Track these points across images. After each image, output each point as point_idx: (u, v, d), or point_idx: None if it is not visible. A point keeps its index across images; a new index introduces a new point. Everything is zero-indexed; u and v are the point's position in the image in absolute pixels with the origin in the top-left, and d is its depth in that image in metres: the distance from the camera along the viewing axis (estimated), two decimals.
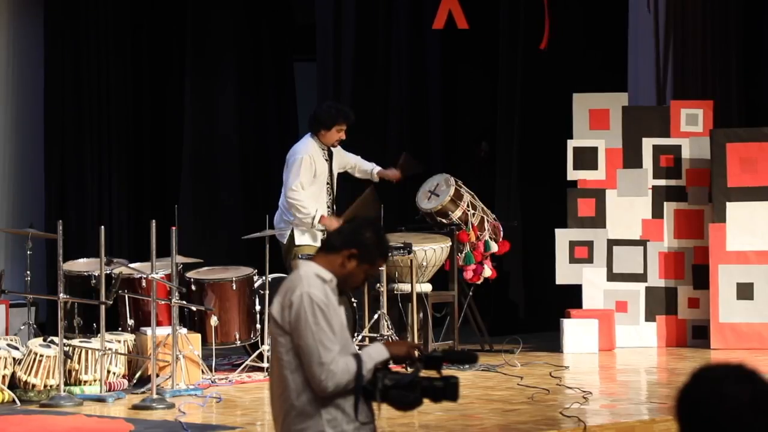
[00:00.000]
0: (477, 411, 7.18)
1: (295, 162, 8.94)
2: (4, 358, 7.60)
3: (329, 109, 9.05)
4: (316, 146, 9.01)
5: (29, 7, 11.53)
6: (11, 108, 11.51)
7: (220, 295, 8.68)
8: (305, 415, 3.93)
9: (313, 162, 8.95)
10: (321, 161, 9.02)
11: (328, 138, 8.98)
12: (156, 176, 11.82)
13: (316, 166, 8.97)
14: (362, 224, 4.15)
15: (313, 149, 8.99)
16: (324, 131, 8.96)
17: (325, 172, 9.05)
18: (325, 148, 9.04)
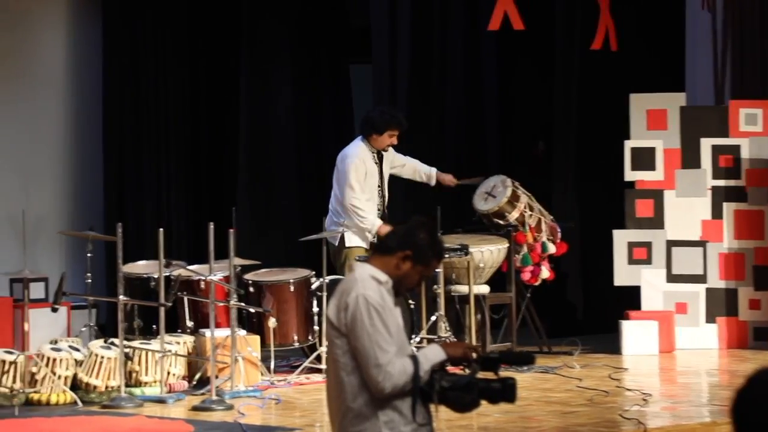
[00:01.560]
0: (535, 413, 7.15)
1: (346, 166, 8.97)
2: (66, 359, 7.69)
3: (382, 114, 9.06)
4: (366, 150, 9.03)
5: (88, 15, 11.65)
6: (71, 113, 11.64)
7: (278, 297, 8.72)
8: (362, 416, 3.93)
9: (364, 165, 8.98)
10: (371, 164, 9.04)
11: (380, 142, 9.01)
12: (214, 179, 11.90)
13: (367, 169, 9.00)
14: (416, 225, 4.15)
15: (363, 153, 9.01)
16: (376, 136, 8.98)
17: (375, 175, 9.07)
18: (375, 151, 9.06)
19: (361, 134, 9.11)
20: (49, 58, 11.50)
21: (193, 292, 8.61)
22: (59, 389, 7.61)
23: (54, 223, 11.28)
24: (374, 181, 9.07)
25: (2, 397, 7.53)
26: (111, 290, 9.58)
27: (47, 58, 11.49)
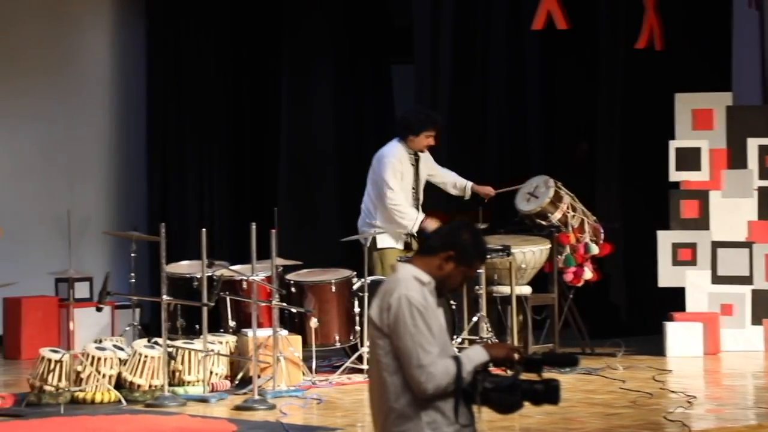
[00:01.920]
0: (578, 414, 7.11)
1: (383, 165, 8.96)
2: (110, 358, 7.74)
3: (418, 115, 9.03)
4: (404, 151, 9.02)
5: (133, 16, 11.72)
6: (116, 114, 11.71)
7: (319, 297, 8.73)
8: (405, 417, 3.93)
9: (400, 165, 8.97)
10: (407, 166, 9.03)
11: (417, 144, 8.99)
12: (256, 179, 11.94)
13: (403, 170, 8.99)
14: (459, 226, 4.14)
15: (400, 153, 9.00)
16: (412, 137, 8.96)
17: (410, 177, 9.06)
18: (412, 152, 9.05)
19: (397, 136, 9.10)
20: (94, 59, 11.59)
21: (235, 292, 8.64)
22: (104, 388, 7.66)
23: (99, 223, 11.36)
24: (409, 182, 9.06)
25: (48, 395, 7.60)
26: (154, 290, 9.64)
27: (92, 59, 11.58)
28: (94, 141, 11.56)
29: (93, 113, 11.55)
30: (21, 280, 8.70)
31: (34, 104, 11.17)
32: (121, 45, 11.68)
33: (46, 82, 11.23)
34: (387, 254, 8.96)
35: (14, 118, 11.09)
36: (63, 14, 11.39)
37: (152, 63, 11.58)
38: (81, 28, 11.54)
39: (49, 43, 11.28)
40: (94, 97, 11.55)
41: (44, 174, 11.22)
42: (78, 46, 11.51)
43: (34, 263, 10.59)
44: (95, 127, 11.57)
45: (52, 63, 11.29)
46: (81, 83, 11.49)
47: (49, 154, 11.27)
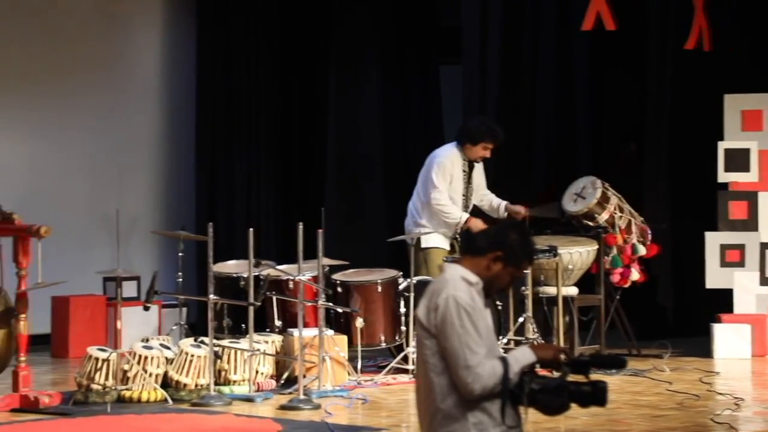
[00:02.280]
0: (625, 416, 7.08)
1: (434, 165, 8.98)
2: (157, 357, 7.78)
3: (480, 125, 9.05)
4: (459, 156, 9.02)
5: (183, 16, 11.80)
6: (165, 114, 11.79)
7: (365, 297, 8.74)
8: (451, 418, 3.93)
9: (451, 167, 8.97)
10: (459, 171, 9.03)
11: (473, 153, 9.00)
12: (303, 179, 11.97)
13: (453, 174, 8.99)
14: (507, 226, 4.14)
15: (454, 156, 9.00)
16: (470, 145, 8.98)
17: (460, 183, 9.06)
18: (466, 160, 9.05)
19: (456, 140, 9.11)
20: (144, 58, 11.67)
21: (281, 292, 8.67)
22: (150, 387, 7.70)
23: (147, 222, 11.43)
24: (459, 188, 9.05)
25: (95, 393, 7.65)
26: (201, 289, 9.69)
27: (142, 58, 11.66)
28: (143, 140, 11.65)
29: (142, 112, 11.63)
30: (69, 279, 8.77)
31: (84, 103, 11.27)
32: (170, 44, 11.76)
33: (96, 81, 11.32)
34: (432, 254, 8.96)
35: (64, 117, 11.19)
36: (114, 14, 11.48)
37: (201, 62, 11.66)
38: (131, 28, 11.63)
39: (100, 42, 11.37)
40: (143, 96, 11.64)
41: (93, 173, 11.31)
42: (128, 45, 11.60)
43: (83, 262, 10.67)
44: (144, 126, 11.66)
45: (103, 62, 11.38)
46: (131, 82, 11.57)
47: (98, 153, 11.35)
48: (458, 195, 9.07)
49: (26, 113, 11.01)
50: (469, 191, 9.14)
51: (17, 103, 10.96)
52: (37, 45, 11.04)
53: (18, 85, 10.96)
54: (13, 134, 10.98)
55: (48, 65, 11.09)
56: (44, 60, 11.07)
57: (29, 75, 11.01)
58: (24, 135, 11.02)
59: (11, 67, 10.92)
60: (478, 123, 9.14)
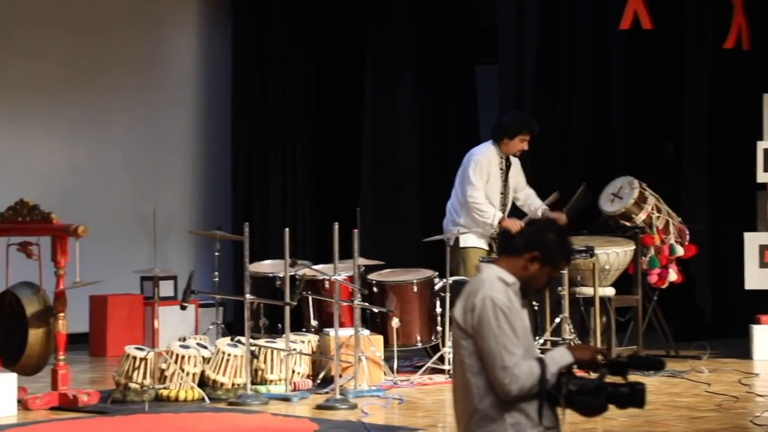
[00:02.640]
0: (663, 417, 7.04)
1: (471, 163, 8.99)
2: (194, 356, 7.81)
3: (514, 119, 9.08)
4: (495, 153, 9.02)
5: (219, 16, 11.84)
6: (201, 114, 11.84)
7: (401, 297, 8.73)
8: (489, 418, 3.91)
9: (489, 166, 8.96)
10: (496, 169, 9.02)
11: (511, 147, 9.00)
12: (338, 179, 11.98)
13: (491, 172, 8.98)
14: (544, 226, 4.12)
15: (491, 155, 9.01)
16: (507, 140, 8.99)
17: (498, 181, 9.04)
18: (503, 157, 9.04)
19: (491, 138, 9.11)
20: (180, 59, 11.72)
21: (317, 292, 8.68)
22: (187, 386, 7.73)
23: (183, 222, 11.48)
24: (497, 186, 9.04)
25: (133, 392, 7.69)
26: (238, 289, 9.72)
27: (178, 58, 11.72)
28: (179, 140, 11.70)
29: (179, 112, 11.69)
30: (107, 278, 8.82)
31: (121, 103, 11.33)
32: (207, 44, 11.80)
33: (132, 81, 11.38)
34: (470, 253, 8.95)
35: (102, 117, 11.25)
36: (151, 14, 11.54)
37: (237, 62, 11.70)
38: (168, 28, 11.68)
39: (137, 42, 11.43)
40: (180, 96, 11.69)
41: (130, 173, 11.37)
42: (165, 45, 11.65)
43: (120, 261, 10.73)
44: (181, 126, 11.71)
45: (139, 62, 11.44)
46: (167, 82, 11.63)
47: (135, 153, 11.41)
48: (496, 193, 9.06)
49: (64, 113, 11.08)
50: (506, 189, 9.13)
51: (55, 103, 11.03)
52: (74, 45, 11.11)
53: (55, 86, 11.03)
54: (50, 134, 11.06)
55: (85, 65, 11.16)
56: (81, 60, 11.14)
57: (66, 75, 11.09)
58: (61, 135, 11.09)
59: (48, 67, 11.00)
60: (512, 117, 9.19)
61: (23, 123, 10.92)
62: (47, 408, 7.49)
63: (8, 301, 7.65)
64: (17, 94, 10.87)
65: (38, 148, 10.98)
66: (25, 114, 10.92)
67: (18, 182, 10.52)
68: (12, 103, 10.86)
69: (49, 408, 7.50)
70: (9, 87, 10.84)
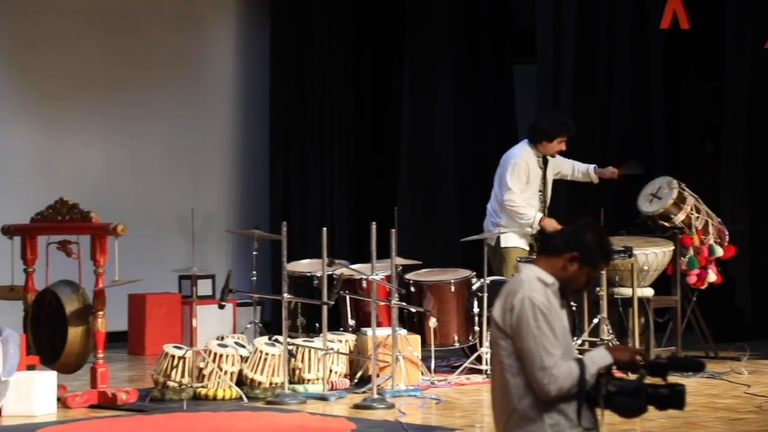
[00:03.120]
0: (702, 419, 6.99)
1: (508, 167, 8.96)
2: (232, 355, 7.83)
3: (553, 121, 9.05)
4: (532, 153, 9.01)
5: (257, 16, 11.87)
6: (239, 114, 11.88)
7: (438, 297, 8.72)
8: (527, 419, 3.90)
9: (527, 167, 8.95)
10: (535, 168, 9.01)
11: (549, 149, 9.00)
12: (376, 179, 11.99)
13: (530, 172, 8.97)
14: (584, 226, 4.10)
15: (528, 156, 9.00)
16: (546, 142, 8.98)
17: (537, 179, 9.03)
18: (540, 156, 9.03)
19: (528, 139, 9.08)
20: (219, 59, 11.77)
21: (355, 291, 8.68)
22: (225, 385, 7.75)
23: (221, 221, 11.53)
24: (536, 184, 9.03)
25: (171, 391, 7.72)
26: (275, 288, 9.74)
27: (217, 60, 11.76)
28: (218, 140, 11.74)
29: (217, 113, 11.73)
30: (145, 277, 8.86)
31: (160, 104, 11.39)
32: (245, 45, 11.85)
33: (171, 81, 11.44)
34: (511, 253, 8.94)
35: (140, 116, 11.32)
36: (190, 16, 11.59)
37: (275, 62, 11.74)
38: (206, 31, 11.73)
39: (176, 44, 11.49)
40: (218, 97, 11.74)
41: (169, 172, 11.42)
42: (203, 48, 11.70)
43: (158, 260, 10.79)
44: (219, 126, 11.75)
45: (178, 62, 11.50)
46: (206, 83, 11.68)
47: (173, 152, 11.47)
48: (535, 193, 9.04)
49: (103, 114, 11.15)
50: (545, 188, 9.11)
51: (94, 103, 11.11)
52: (112, 48, 11.18)
53: (94, 86, 11.10)
54: (90, 134, 11.13)
55: (123, 68, 11.22)
56: (120, 62, 11.20)
57: (105, 74, 11.16)
58: (101, 134, 11.17)
59: (88, 69, 11.07)
60: (550, 119, 9.14)
61: (62, 122, 11.00)
62: (86, 406, 7.54)
63: (48, 299, 7.71)
64: (56, 93, 10.96)
65: (77, 147, 11.05)
66: (64, 113, 11.00)
67: (57, 181, 10.60)
68: (51, 102, 10.94)
69: (89, 406, 7.54)
70: (48, 86, 10.92)
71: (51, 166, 10.86)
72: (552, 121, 9.08)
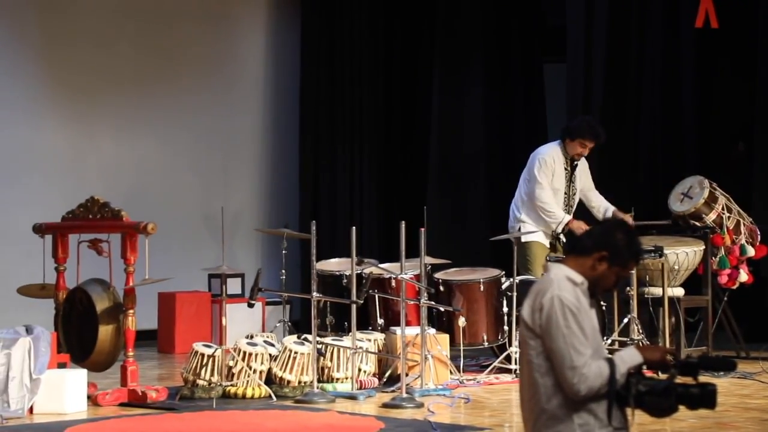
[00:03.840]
0: (733, 419, 6.95)
1: (536, 162, 8.96)
2: (261, 354, 7.85)
3: (581, 122, 9.08)
4: (560, 152, 8.99)
5: (288, 17, 11.89)
6: (269, 113, 11.90)
7: (467, 296, 8.71)
8: (556, 418, 3.89)
9: (553, 164, 8.92)
10: (560, 168, 8.98)
11: (570, 148, 8.98)
12: (405, 178, 11.98)
13: (555, 170, 8.94)
14: (613, 226, 4.08)
15: (555, 153, 8.97)
16: (568, 140, 8.95)
17: (562, 180, 8.99)
18: (568, 157, 8.99)
19: (560, 139, 9.09)
20: (249, 59, 11.80)
21: (384, 290, 8.68)
22: (254, 383, 7.77)
23: (251, 220, 11.55)
24: (561, 185, 9.00)
25: (201, 389, 7.74)
26: (304, 287, 9.76)
27: (247, 59, 11.79)
28: (247, 139, 11.77)
29: (247, 112, 11.76)
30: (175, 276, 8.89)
31: (190, 102, 11.42)
32: (275, 44, 11.87)
33: (201, 80, 11.47)
34: (533, 247, 8.92)
35: (171, 116, 11.35)
36: (220, 15, 11.62)
37: (305, 62, 11.75)
38: (237, 29, 11.76)
39: (206, 43, 11.52)
40: (248, 95, 11.76)
41: (198, 171, 11.46)
42: (233, 45, 11.73)
43: (188, 259, 10.82)
44: (249, 125, 11.78)
45: (208, 62, 11.53)
46: (236, 82, 11.70)
47: (203, 151, 11.50)
48: (560, 193, 9.01)
49: (134, 112, 11.19)
50: (571, 190, 9.06)
51: (125, 102, 11.15)
52: (143, 45, 11.22)
53: (125, 85, 11.15)
54: (120, 133, 11.18)
55: (154, 65, 11.26)
56: (150, 60, 11.24)
57: (136, 75, 11.20)
58: (131, 134, 11.21)
59: (119, 67, 11.12)
60: (580, 120, 9.18)
61: (94, 119, 11.05)
62: (116, 404, 7.57)
63: (79, 297, 7.74)
64: (87, 91, 11.00)
65: (107, 146, 11.10)
66: (94, 112, 11.05)
67: (88, 179, 10.65)
68: (81, 100, 10.99)
69: (118, 404, 7.57)
70: (78, 85, 10.97)
71: (82, 164, 10.91)
72: (581, 122, 9.07)
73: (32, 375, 7.24)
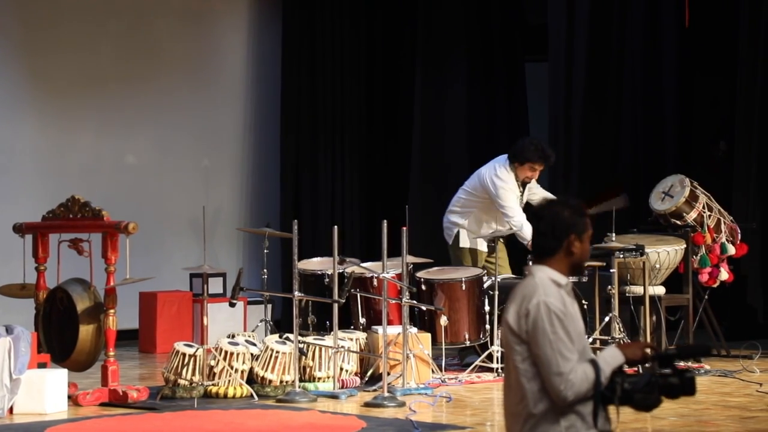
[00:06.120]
0: (713, 417, 6.97)
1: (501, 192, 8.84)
2: (242, 353, 7.83)
3: (529, 146, 8.86)
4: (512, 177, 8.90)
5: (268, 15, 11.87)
6: (250, 112, 11.88)
7: (449, 295, 8.71)
8: (543, 422, 3.86)
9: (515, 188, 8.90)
10: (517, 190, 8.97)
11: (520, 172, 8.90)
12: (387, 177, 11.98)
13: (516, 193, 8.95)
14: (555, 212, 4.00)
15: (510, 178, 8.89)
16: (518, 165, 8.88)
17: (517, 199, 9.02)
18: (519, 180, 8.93)
19: (507, 156, 8.97)
20: (230, 58, 11.77)
21: (366, 289, 8.68)
22: (236, 383, 7.75)
23: (232, 219, 11.53)
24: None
25: (182, 389, 7.72)
26: (286, 286, 9.75)
27: (228, 58, 11.77)
28: (229, 138, 11.75)
29: (228, 110, 11.74)
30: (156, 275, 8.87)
31: (171, 101, 11.39)
32: (256, 43, 11.85)
33: (182, 79, 11.45)
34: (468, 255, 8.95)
35: (151, 114, 11.32)
36: (201, 13, 11.60)
37: (286, 61, 11.74)
38: (218, 27, 11.73)
39: (187, 41, 11.50)
40: (229, 94, 11.74)
41: (179, 170, 11.43)
42: (215, 44, 11.71)
43: (169, 258, 10.79)
44: (230, 124, 11.76)
45: (189, 61, 11.50)
46: (217, 79, 11.68)
47: (184, 150, 11.47)
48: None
49: (115, 111, 11.16)
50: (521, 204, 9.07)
51: (106, 101, 11.12)
52: (124, 44, 11.19)
53: (106, 84, 11.11)
54: (101, 132, 11.14)
55: (135, 64, 11.23)
56: (131, 59, 11.21)
57: (117, 73, 11.17)
58: (112, 133, 11.18)
59: (99, 65, 11.08)
60: (527, 143, 8.94)
61: (73, 119, 11.01)
62: (97, 404, 7.54)
63: (59, 297, 7.71)
64: (67, 90, 10.97)
65: (88, 145, 11.07)
66: (75, 110, 11.01)
67: (68, 179, 10.61)
68: (62, 99, 10.95)
69: (99, 404, 7.55)
70: (59, 83, 10.93)
71: (63, 165, 10.87)
72: (528, 146, 8.90)
73: (12, 375, 7.21)
